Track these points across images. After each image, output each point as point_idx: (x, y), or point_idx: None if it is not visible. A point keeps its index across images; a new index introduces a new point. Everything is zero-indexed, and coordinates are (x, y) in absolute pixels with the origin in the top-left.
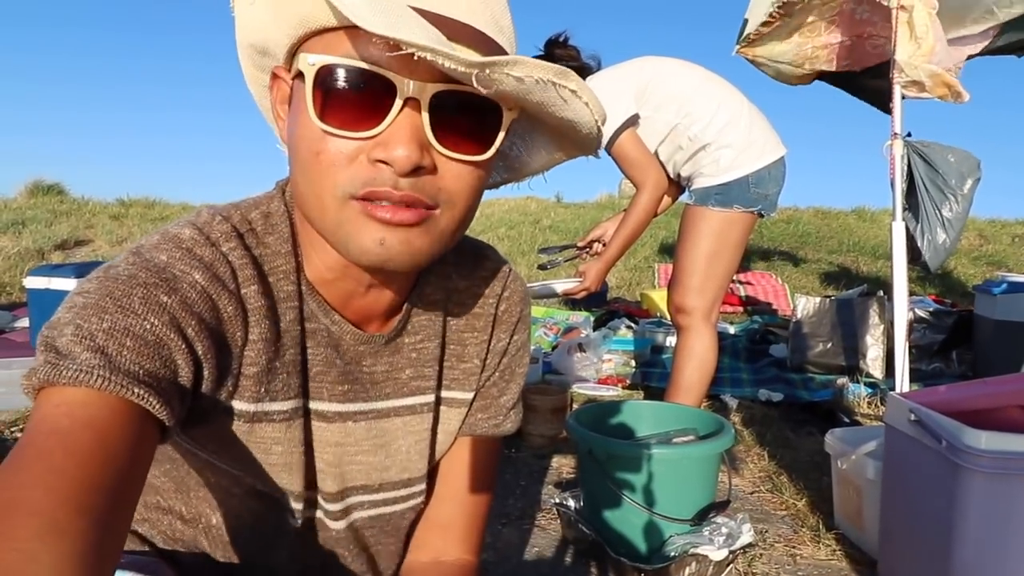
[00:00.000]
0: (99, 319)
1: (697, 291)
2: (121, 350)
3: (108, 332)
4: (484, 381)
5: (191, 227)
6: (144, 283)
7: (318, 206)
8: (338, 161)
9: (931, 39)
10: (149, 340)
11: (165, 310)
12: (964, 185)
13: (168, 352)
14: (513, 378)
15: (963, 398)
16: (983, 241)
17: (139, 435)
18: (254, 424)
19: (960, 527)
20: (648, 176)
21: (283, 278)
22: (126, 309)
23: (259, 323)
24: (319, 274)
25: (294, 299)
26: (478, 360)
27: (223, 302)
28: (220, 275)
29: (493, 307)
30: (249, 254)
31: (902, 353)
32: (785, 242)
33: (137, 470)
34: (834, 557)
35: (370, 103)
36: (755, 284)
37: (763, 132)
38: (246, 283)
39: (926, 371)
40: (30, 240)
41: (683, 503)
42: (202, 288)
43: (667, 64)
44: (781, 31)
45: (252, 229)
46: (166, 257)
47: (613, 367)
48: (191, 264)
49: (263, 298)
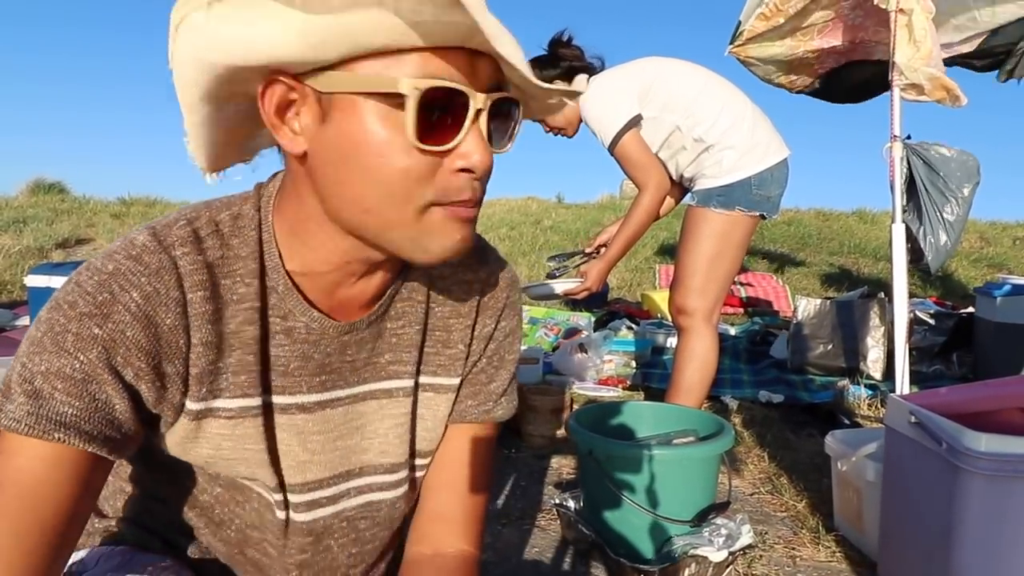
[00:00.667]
0: (40, 359)
1: (698, 292)
2: (53, 392)
3: (44, 375)
4: (471, 367)
5: (149, 232)
6: (79, 315)
7: (398, 220)
8: (426, 175)
9: (929, 42)
10: (78, 379)
11: (95, 343)
12: (964, 187)
13: (97, 387)
14: (502, 365)
15: (963, 400)
16: (984, 243)
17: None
18: (200, 421)
19: (960, 529)
20: (650, 177)
21: (239, 281)
22: (60, 349)
23: (201, 328)
24: (310, 268)
25: (253, 300)
26: (463, 346)
27: (161, 315)
28: (163, 284)
29: (478, 293)
30: (202, 259)
31: (902, 355)
32: (786, 243)
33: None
34: (834, 559)
35: (453, 117)
36: (756, 285)
37: (766, 134)
38: (192, 289)
39: (926, 373)
40: (31, 239)
41: (683, 504)
42: (137, 307)
43: (671, 65)
44: (775, 33)
45: (218, 231)
46: (112, 267)
47: (614, 368)
48: (133, 280)
49: (208, 303)
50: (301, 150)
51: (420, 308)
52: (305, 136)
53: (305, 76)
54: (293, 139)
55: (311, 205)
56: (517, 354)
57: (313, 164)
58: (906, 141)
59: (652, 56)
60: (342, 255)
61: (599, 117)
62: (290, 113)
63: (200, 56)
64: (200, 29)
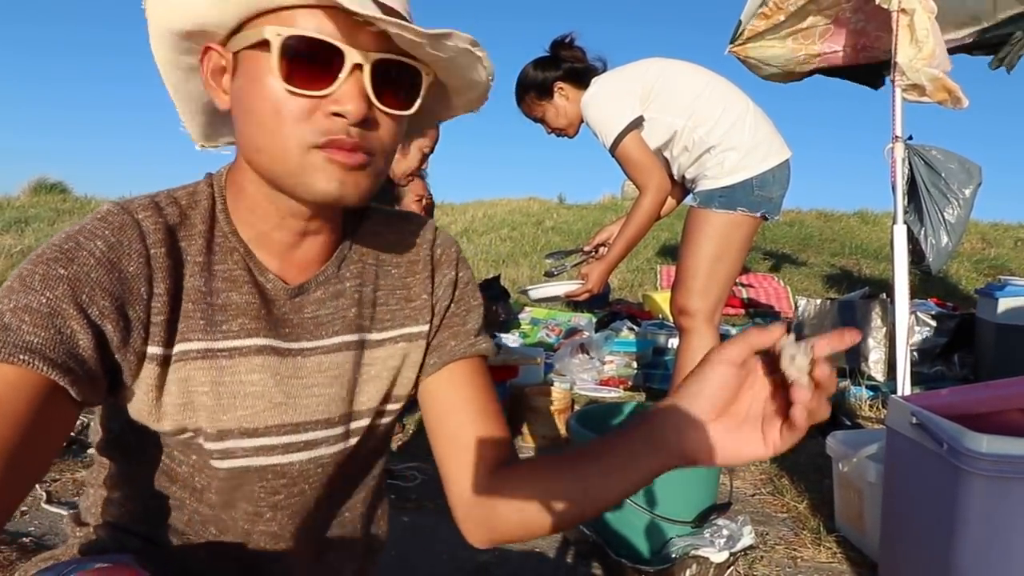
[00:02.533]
0: (8, 299)
1: (700, 293)
2: (21, 324)
3: (12, 310)
4: (443, 312)
5: (114, 203)
6: (46, 260)
7: (280, 156)
8: (299, 116)
9: (931, 43)
10: (44, 312)
11: (61, 281)
12: (966, 189)
13: (62, 321)
14: (471, 309)
15: (964, 401)
16: (985, 245)
17: (37, 401)
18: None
19: (961, 530)
20: (651, 179)
21: (193, 243)
22: (28, 287)
23: (164, 279)
24: (256, 231)
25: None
26: (426, 295)
27: (124, 262)
28: (127, 237)
29: (428, 252)
30: (163, 221)
31: (904, 356)
32: (787, 244)
33: (38, 434)
34: (835, 560)
35: (325, 68)
36: (757, 286)
37: (768, 135)
38: (154, 245)
39: (928, 374)
40: (33, 239)
41: (684, 505)
42: (102, 253)
43: (673, 66)
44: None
45: (175, 202)
46: (78, 228)
47: (615, 368)
48: (97, 232)
49: (168, 258)
50: (225, 106)
51: (371, 270)
52: (230, 95)
53: (228, 43)
54: (223, 98)
55: (242, 164)
56: (480, 302)
57: (235, 119)
58: (908, 142)
59: (654, 57)
60: (273, 207)
61: (600, 118)
62: (224, 77)
63: (156, 25)
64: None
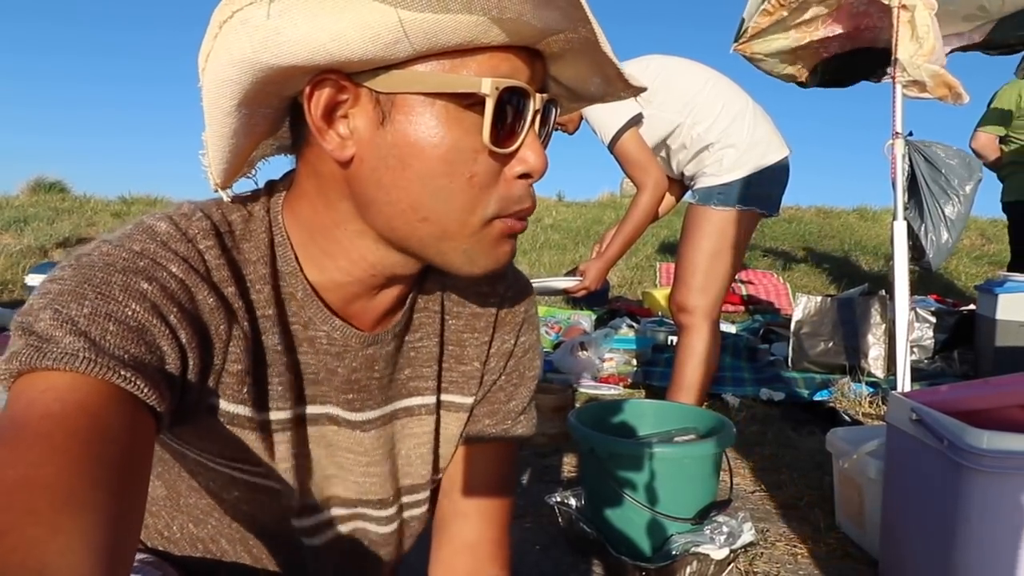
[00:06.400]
0: (79, 304)
1: (699, 290)
2: (104, 334)
3: (89, 317)
4: (490, 385)
5: (168, 221)
6: (123, 270)
7: (456, 230)
8: (491, 183)
9: (932, 39)
10: (132, 326)
11: (146, 297)
12: (966, 185)
13: (152, 338)
14: (523, 382)
15: (965, 398)
16: (985, 241)
17: (132, 420)
18: (235, 425)
19: (961, 526)
20: (649, 176)
21: (251, 286)
22: (106, 295)
23: (241, 322)
24: (329, 277)
25: (267, 307)
26: (478, 363)
27: (203, 294)
28: (197, 269)
29: (495, 307)
30: (227, 255)
31: (903, 352)
32: (787, 241)
33: (139, 452)
34: (835, 556)
35: (516, 121)
36: (757, 283)
37: (767, 132)
38: (223, 283)
39: (928, 370)
40: (32, 238)
41: (684, 502)
42: (180, 279)
43: (673, 63)
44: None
45: (231, 231)
46: (140, 248)
47: (614, 366)
48: (166, 256)
49: (241, 299)
50: (349, 155)
51: (436, 320)
52: (355, 140)
53: (360, 76)
54: (340, 143)
55: (342, 211)
56: (537, 371)
57: (360, 170)
58: (908, 138)
59: (654, 54)
60: (369, 267)
61: (599, 114)
62: (337, 115)
63: (252, 57)
64: (258, 26)
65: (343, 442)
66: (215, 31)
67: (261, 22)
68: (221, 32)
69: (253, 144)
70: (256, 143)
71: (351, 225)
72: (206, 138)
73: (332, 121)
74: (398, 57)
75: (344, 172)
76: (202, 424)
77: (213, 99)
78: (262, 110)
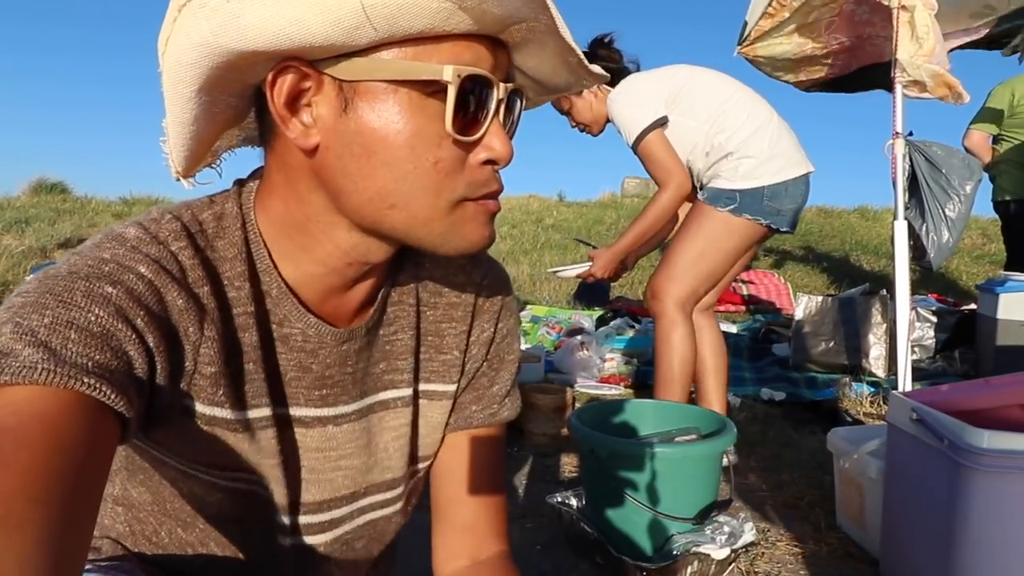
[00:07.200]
0: (39, 315)
1: (674, 279)
2: (66, 343)
3: (50, 327)
4: (473, 373)
5: (136, 226)
6: (86, 276)
7: (427, 216)
8: (455, 168)
9: (932, 39)
10: (95, 331)
11: (110, 301)
12: (967, 185)
13: (118, 343)
14: (503, 366)
15: (965, 397)
16: (986, 240)
17: (94, 428)
18: (213, 428)
19: (962, 526)
20: (672, 176)
21: (228, 284)
22: (67, 303)
23: (214, 323)
24: (304, 271)
25: (246, 304)
26: (458, 352)
27: (172, 295)
28: (169, 269)
29: (472, 296)
30: (200, 255)
31: (904, 352)
32: (788, 241)
33: (96, 462)
34: (836, 556)
35: (480, 108)
36: (758, 283)
37: (789, 147)
38: (197, 283)
39: (928, 370)
40: (33, 239)
41: (685, 502)
42: (148, 280)
43: (700, 73)
44: (781, 29)
45: (202, 230)
46: (108, 255)
47: (615, 366)
48: (135, 259)
49: (215, 299)
50: (313, 144)
51: (411, 312)
52: (319, 128)
53: (323, 63)
54: (304, 132)
55: (313, 202)
56: (517, 353)
57: (326, 159)
58: (908, 138)
59: (682, 64)
60: (343, 256)
61: (625, 115)
62: (300, 103)
63: (212, 40)
64: (217, 9)
65: (312, 443)
66: (174, 15)
67: (220, 5)
68: (180, 15)
69: (216, 132)
70: (219, 132)
71: (324, 217)
72: (166, 125)
73: (296, 109)
74: (360, 43)
75: (311, 162)
76: (179, 428)
77: (172, 83)
78: (224, 98)
